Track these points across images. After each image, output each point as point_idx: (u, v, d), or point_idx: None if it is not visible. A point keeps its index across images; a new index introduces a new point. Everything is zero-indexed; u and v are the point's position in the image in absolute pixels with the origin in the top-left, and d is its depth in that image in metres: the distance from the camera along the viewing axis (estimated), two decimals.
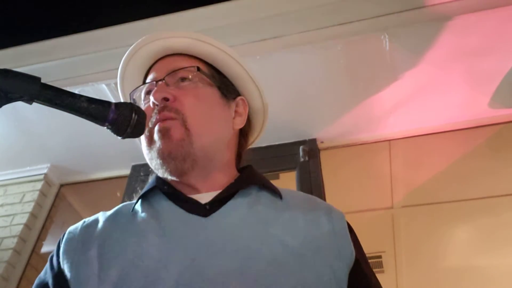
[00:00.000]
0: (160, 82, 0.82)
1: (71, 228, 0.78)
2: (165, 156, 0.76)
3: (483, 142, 2.37)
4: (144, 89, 0.86)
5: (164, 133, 0.76)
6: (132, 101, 0.87)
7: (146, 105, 0.82)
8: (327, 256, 0.70)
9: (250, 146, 0.98)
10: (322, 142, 2.31)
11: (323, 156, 2.27)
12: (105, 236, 0.72)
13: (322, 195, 2.02)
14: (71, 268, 0.69)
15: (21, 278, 2.22)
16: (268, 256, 0.66)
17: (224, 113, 0.84)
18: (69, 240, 0.74)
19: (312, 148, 2.23)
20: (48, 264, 0.74)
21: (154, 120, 0.78)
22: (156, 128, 0.77)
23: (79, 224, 0.78)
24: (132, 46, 0.89)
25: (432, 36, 1.82)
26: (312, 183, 2.07)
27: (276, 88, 2.03)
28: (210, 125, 0.80)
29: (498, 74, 1.96)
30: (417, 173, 2.58)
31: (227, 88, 0.87)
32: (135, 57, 0.89)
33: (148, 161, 0.81)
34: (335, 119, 2.20)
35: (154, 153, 0.77)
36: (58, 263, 0.72)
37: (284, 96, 2.08)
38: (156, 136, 0.77)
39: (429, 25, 1.79)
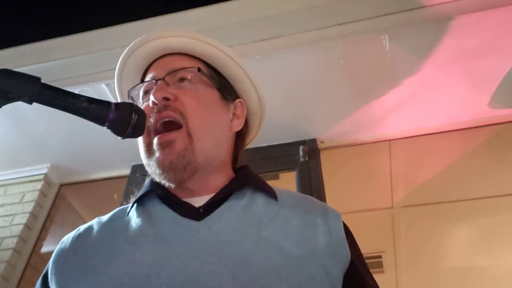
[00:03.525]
0: (159, 81, 0.80)
1: (65, 237, 0.78)
2: (165, 167, 0.74)
3: (483, 142, 2.37)
4: (142, 87, 0.85)
5: (165, 145, 0.74)
6: (130, 99, 0.86)
7: (144, 104, 0.81)
8: (321, 257, 0.69)
9: (250, 146, 0.97)
10: (322, 142, 2.30)
11: (323, 156, 2.27)
12: (98, 244, 0.72)
13: (322, 195, 2.02)
14: (60, 279, 0.69)
15: (21, 278, 2.22)
16: (260, 259, 0.65)
17: (223, 116, 0.83)
18: (60, 251, 0.75)
19: (312, 148, 2.23)
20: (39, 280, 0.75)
21: (153, 119, 0.76)
22: (156, 141, 0.75)
23: (72, 233, 0.78)
24: (131, 44, 0.88)
25: (432, 36, 1.82)
26: (312, 183, 2.07)
27: (276, 88, 2.03)
28: (210, 129, 0.79)
29: (498, 74, 1.96)
30: (417, 173, 2.58)
31: (226, 89, 0.86)
32: (133, 56, 0.88)
33: (146, 167, 0.79)
34: (335, 119, 2.20)
35: (154, 163, 0.75)
36: (46, 274, 0.73)
37: (284, 96, 2.08)
38: (155, 147, 0.75)
39: (429, 25, 1.79)
